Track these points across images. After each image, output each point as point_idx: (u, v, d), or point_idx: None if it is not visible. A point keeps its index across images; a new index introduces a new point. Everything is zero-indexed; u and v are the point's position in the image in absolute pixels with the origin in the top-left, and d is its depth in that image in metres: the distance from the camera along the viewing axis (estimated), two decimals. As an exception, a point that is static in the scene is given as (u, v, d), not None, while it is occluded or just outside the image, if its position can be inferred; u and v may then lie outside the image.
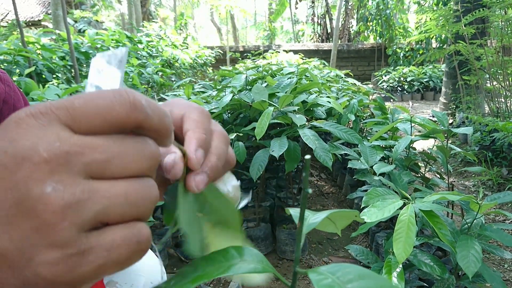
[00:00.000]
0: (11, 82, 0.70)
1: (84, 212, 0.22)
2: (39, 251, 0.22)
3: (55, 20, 6.56)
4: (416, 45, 11.28)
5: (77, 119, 0.24)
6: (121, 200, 0.24)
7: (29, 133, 0.22)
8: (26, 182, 0.22)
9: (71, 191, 0.22)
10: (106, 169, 0.24)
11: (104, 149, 0.24)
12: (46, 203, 0.21)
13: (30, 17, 12.78)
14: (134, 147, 0.25)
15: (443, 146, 1.85)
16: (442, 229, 1.32)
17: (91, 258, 0.23)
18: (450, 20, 5.13)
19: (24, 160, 0.22)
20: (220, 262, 0.38)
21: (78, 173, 0.23)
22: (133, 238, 0.25)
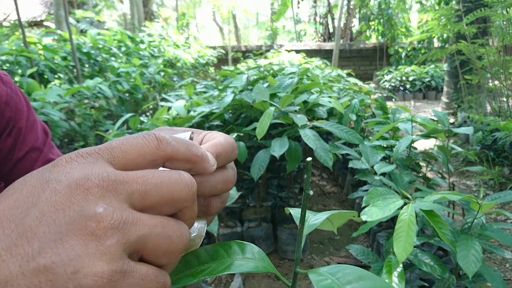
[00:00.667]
0: (13, 84, 0.70)
1: (129, 233, 0.25)
2: (87, 263, 0.23)
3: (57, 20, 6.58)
4: (418, 44, 11.26)
5: (117, 156, 0.28)
6: (159, 231, 0.26)
7: (80, 167, 0.26)
8: (79, 204, 0.24)
9: (119, 213, 0.25)
10: (145, 199, 0.26)
11: (142, 180, 0.27)
12: (98, 221, 0.24)
13: (32, 17, 12.81)
14: (169, 179, 0.28)
15: (444, 146, 1.85)
16: (442, 229, 1.33)
17: (129, 281, 0.24)
18: (451, 19, 5.12)
19: (78, 186, 0.25)
20: (223, 257, 0.39)
21: (124, 200, 0.26)
22: (161, 279, 0.27)
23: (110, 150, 0.28)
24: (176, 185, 0.28)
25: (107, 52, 4.71)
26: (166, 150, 0.29)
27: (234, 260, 0.39)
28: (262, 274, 2.17)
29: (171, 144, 0.30)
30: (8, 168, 0.69)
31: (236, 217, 2.57)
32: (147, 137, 0.29)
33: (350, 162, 1.95)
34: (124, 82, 3.76)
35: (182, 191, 0.28)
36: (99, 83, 3.30)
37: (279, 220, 2.48)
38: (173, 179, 0.28)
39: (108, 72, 4.33)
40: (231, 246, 0.41)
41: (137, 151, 0.28)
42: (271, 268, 0.40)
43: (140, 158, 0.28)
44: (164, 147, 0.29)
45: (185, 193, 0.28)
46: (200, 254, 0.40)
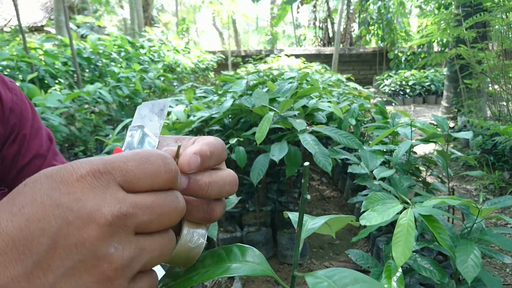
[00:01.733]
0: (18, 91, 0.71)
1: (135, 266, 0.27)
2: None
3: (58, 25, 6.61)
4: (417, 49, 11.29)
5: (129, 180, 0.28)
6: (158, 253, 0.29)
7: (92, 194, 0.26)
8: (92, 242, 0.25)
9: (128, 250, 0.26)
10: (148, 227, 0.28)
11: (150, 210, 0.28)
12: (110, 262, 0.25)
13: (33, 22, 12.85)
14: (170, 206, 0.30)
15: (443, 150, 1.85)
16: (441, 234, 1.33)
17: None
18: (451, 24, 5.14)
19: (91, 221, 0.25)
20: (223, 260, 0.40)
21: (131, 232, 0.27)
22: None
23: (124, 173, 0.28)
24: (174, 213, 0.30)
25: (107, 57, 4.73)
26: (171, 182, 0.30)
27: (232, 263, 0.40)
28: (262, 278, 2.16)
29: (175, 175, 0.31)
30: (12, 175, 0.69)
31: (236, 221, 2.57)
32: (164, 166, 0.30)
33: (350, 167, 1.95)
34: (124, 87, 3.77)
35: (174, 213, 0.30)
36: (99, 88, 3.30)
37: (278, 224, 2.48)
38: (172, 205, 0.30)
39: (108, 77, 4.34)
40: (232, 249, 0.42)
41: (151, 179, 0.29)
42: (269, 271, 0.40)
43: (148, 186, 0.29)
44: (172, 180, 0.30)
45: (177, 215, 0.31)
46: (206, 256, 0.41)
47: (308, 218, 0.50)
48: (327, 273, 0.37)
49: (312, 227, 0.48)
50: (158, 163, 0.29)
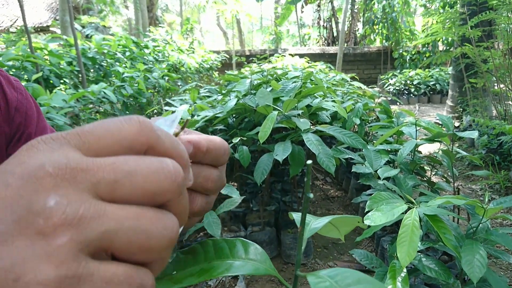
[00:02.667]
0: (23, 90, 0.71)
1: (87, 230, 0.21)
2: (30, 268, 0.20)
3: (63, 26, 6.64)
4: (422, 48, 11.25)
5: (87, 141, 0.24)
6: (130, 224, 0.22)
7: (38, 155, 0.22)
8: (28, 198, 0.21)
9: (75, 206, 0.21)
10: (116, 189, 0.23)
11: (112, 167, 0.23)
12: (47, 217, 0.20)
13: (38, 23, 12.93)
14: (147, 166, 0.24)
15: (448, 150, 1.84)
16: (446, 234, 1.32)
17: (87, 286, 0.20)
18: (456, 22, 5.11)
19: (30, 176, 0.21)
20: (226, 256, 0.40)
21: (85, 190, 0.22)
22: (136, 279, 0.22)
23: (80, 135, 0.24)
24: (155, 174, 0.23)
25: (111, 57, 4.75)
26: (148, 136, 0.25)
27: (236, 260, 0.40)
28: (266, 278, 2.16)
29: (155, 132, 0.25)
30: None
31: (240, 221, 2.57)
32: (128, 120, 0.25)
33: (354, 166, 1.94)
34: (129, 87, 3.78)
35: (163, 181, 0.24)
36: (104, 88, 3.31)
37: (282, 224, 2.47)
38: (152, 167, 0.24)
39: (112, 77, 4.36)
40: (235, 245, 0.41)
41: (113, 135, 0.24)
42: (272, 270, 0.40)
43: (116, 144, 0.24)
44: (147, 133, 0.25)
45: (167, 184, 0.24)
46: (208, 248, 0.40)
47: (311, 218, 0.50)
48: (329, 273, 0.37)
49: (315, 226, 0.48)
50: (119, 119, 0.25)
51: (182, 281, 0.37)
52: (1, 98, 0.66)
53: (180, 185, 0.25)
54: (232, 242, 0.42)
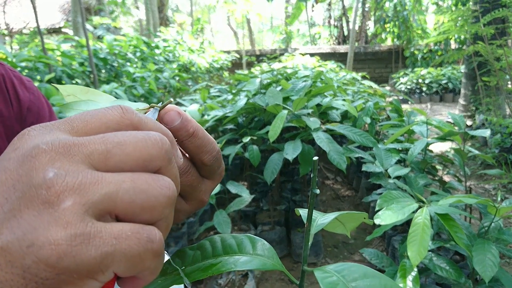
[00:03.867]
0: (35, 90, 0.72)
1: (88, 194, 0.22)
2: (41, 233, 0.21)
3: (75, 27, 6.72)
4: (434, 46, 11.12)
5: (75, 125, 0.26)
6: (128, 185, 0.23)
7: (30, 139, 0.24)
8: (27, 174, 0.22)
9: (73, 175, 0.22)
10: (108, 159, 0.24)
11: (103, 140, 0.24)
12: (49, 186, 0.22)
13: (51, 24, 13.09)
14: (134, 136, 0.25)
15: (460, 148, 1.82)
16: (458, 233, 1.31)
17: (97, 242, 0.22)
18: (468, 20, 5.05)
19: (25, 157, 0.23)
20: (234, 252, 0.40)
21: (80, 162, 0.23)
22: (143, 234, 0.23)
23: (69, 121, 0.26)
24: (142, 142, 0.25)
25: (123, 57, 4.79)
26: (132, 118, 0.27)
27: (243, 255, 0.40)
28: (276, 277, 2.16)
29: (137, 115, 0.28)
30: None
31: (250, 220, 2.58)
32: (111, 107, 0.27)
33: (364, 165, 1.94)
34: (139, 87, 3.81)
35: (150, 148, 0.25)
36: (115, 88, 3.35)
37: (293, 223, 2.47)
38: (139, 136, 0.25)
39: (123, 77, 4.40)
40: (243, 241, 0.42)
41: (99, 119, 0.26)
42: (279, 266, 0.40)
43: (103, 126, 0.26)
44: (130, 116, 0.27)
45: (155, 150, 0.26)
46: (216, 244, 0.41)
47: (318, 214, 0.50)
48: (336, 268, 0.37)
49: (322, 222, 0.48)
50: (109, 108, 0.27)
51: (190, 276, 0.37)
52: (14, 99, 0.68)
53: (167, 151, 0.26)
54: (240, 238, 0.43)
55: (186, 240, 2.32)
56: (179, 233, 2.29)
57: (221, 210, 1.80)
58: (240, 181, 3.08)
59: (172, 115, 0.33)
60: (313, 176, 0.42)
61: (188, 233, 2.36)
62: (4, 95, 0.65)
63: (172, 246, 2.15)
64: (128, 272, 0.23)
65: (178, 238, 2.24)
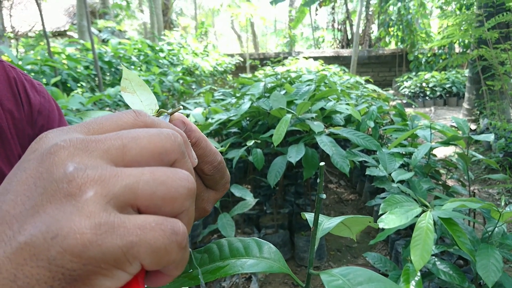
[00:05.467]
0: (46, 93, 0.74)
1: (109, 186, 0.22)
2: (65, 224, 0.21)
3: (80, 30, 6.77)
4: (438, 50, 11.11)
5: (91, 127, 0.27)
6: (147, 177, 0.24)
7: (48, 140, 0.25)
8: (48, 171, 0.23)
9: (93, 168, 0.23)
10: (125, 153, 0.25)
11: (118, 135, 0.25)
12: (70, 180, 0.22)
13: (56, 27, 13.18)
14: (147, 131, 0.26)
15: (464, 153, 1.82)
16: (461, 237, 1.31)
17: (122, 232, 0.22)
18: (473, 24, 5.04)
19: (44, 155, 0.23)
20: (241, 255, 0.41)
21: (98, 157, 0.24)
22: (167, 225, 0.23)
23: (85, 124, 0.27)
24: (156, 136, 0.26)
25: (127, 60, 4.82)
26: (145, 120, 0.28)
27: (250, 259, 0.41)
28: (279, 280, 2.17)
29: (150, 117, 0.29)
30: None
31: (253, 223, 2.58)
32: (125, 111, 0.28)
33: (368, 169, 1.94)
34: (144, 90, 3.82)
35: (164, 141, 0.26)
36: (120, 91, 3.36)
37: (296, 227, 2.48)
38: (152, 132, 0.26)
39: (128, 80, 4.41)
40: (250, 244, 0.43)
41: (114, 121, 0.27)
42: (285, 269, 0.41)
43: (117, 128, 0.27)
44: (143, 118, 0.28)
45: (169, 144, 0.26)
46: (223, 247, 0.42)
47: (324, 218, 0.51)
48: (341, 272, 0.38)
49: (328, 226, 0.49)
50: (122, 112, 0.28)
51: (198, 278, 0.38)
52: (25, 102, 0.69)
53: (180, 145, 0.27)
54: (246, 242, 0.44)
55: (190, 243, 2.33)
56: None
57: (225, 213, 1.81)
58: (243, 184, 3.08)
59: (177, 124, 0.34)
60: (319, 181, 0.43)
61: (192, 236, 2.37)
62: (15, 98, 0.67)
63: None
64: (155, 265, 0.23)
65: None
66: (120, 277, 0.22)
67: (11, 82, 0.67)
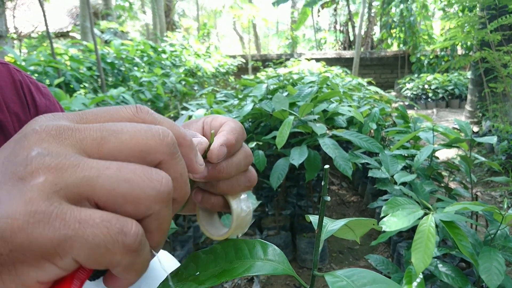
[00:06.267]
0: (51, 96, 0.74)
1: (64, 175, 0.21)
2: (2, 207, 0.20)
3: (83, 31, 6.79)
4: (440, 52, 11.10)
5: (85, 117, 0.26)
6: (111, 172, 0.22)
7: (34, 124, 0.24)
8: (15, 152, 0.22)
9: (55, 156, 0.22)
10: (102, 145, 0.23)
11: (99, 127, 0.24)
12: (27, 164, 0.21)
13: (59, 28, 13.22)
14: (133, 126, 0.25)
15: (466, 155, 1.82)
16: (462, 241, 1.31)
17: (58, 224, 0.20)
18: (475, 26, 5.04)
19: (20, 137, 0.23)
20: (246, 257, 0.42)
21: (69, 145, 0.23)
22: (115, 224, 0.22)
23: (81, 113, 0.26)
24: (141, 132, 0.24)
25: (130, 62, 4.83)
26: (144, 118, 0.27)
27: (255, 261, 0.41)
28: (281, 282, 2.17)
29: (152, 114, 0.27)
30: None
31: (255, 225, 2.58)
32: (126, 106, 0.27)
33: (370, 171, 1.94)
34: (147, 91, 3.84)
35: (150, 139, 0.24)
36: (123, 92, 3.38)
37: (298, 228, 2.48)
38: (139, 127, 0.24)
39: (131, 82, 4.43)
40: (255, 246, 0.43)
41: (110, 114, 0.26)
42: (290, 271, 0.42)
43: (112, 121, 0.26)
44: (143, 116, 0.27)
45: (155, 142, 0.24)
46: (228, 249, 0.42)
47: (328, 221, 0.51)
48: (346, 273, 0.39)
49: (332, 229, 0.49)
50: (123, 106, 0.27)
51: (205, 283, 0.38)
52: (31, 104, 0.69)
53: (169, 145, 0.25)
54: (252, 243, 0.44)
55: (192, 244, 2.33)
56: (185, 236, 2.30)
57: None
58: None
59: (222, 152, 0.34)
60: (324, 184, 0.44)
61: (194, 237, 2.37)
62: (21, 101, 0.67)
63: (178, 250, 2.16)
64: (91, 263, 0.21)
65: (184, 242, 2.25)
66: (48, 270, 0.21)
67: (17, 85, 0.67)
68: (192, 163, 0.30)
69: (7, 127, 0.63)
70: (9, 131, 0.64)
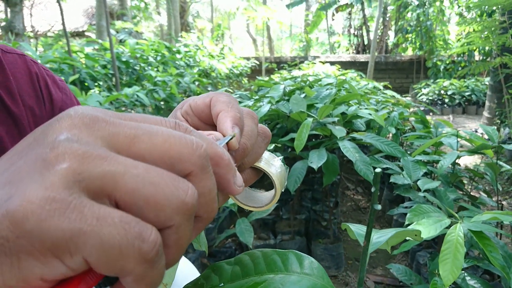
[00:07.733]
0: (68, 90, 0.72)
1: (90, 165, 0.20)
2: (22, 188, 0.19)
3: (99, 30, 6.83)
4: (457, 57, 10.94)
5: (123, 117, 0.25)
6: (138, 172, 0.21)
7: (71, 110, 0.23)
8: (44, 133, 0.21)
9: (84, 144, 0.21)
10: (133, 144, 0.22)
11: (135, 125, 0.23)
12: (54, 147, 0.20)
13: (75, 28, 13.37)
14: (169, 132, 0.24)
15: (493, 163, 1.75)
16: (493, 252, 1.24)
17: (74, 216, 0.19)
18: (495, 31, 4.93)
19: (54, 120, 0.22)
20: (279, 269, 0.38)
21: (100, 137, 0.22)
22: (135, 227, 0.20)
23: (121, 114, 0.25)
24: (175, 138, 0.23)
25: (144, 61, 4.83)
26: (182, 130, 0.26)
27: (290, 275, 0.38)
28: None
29: (191, 131, 0.26)
30: None
31: (269, 228, 2.53)
32: (165, 118, 0.26)
33: (392, 177, 1.87)
34: (161, 91, 3.82)
35: (182, 147, 0.23)
36: (137, 91, 3.36)
37: (313, 234, 2.42)
38: (174, 134, 0.24)
39: (145, 81, 4.43)
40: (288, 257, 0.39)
41: (149, 121, 0.25)
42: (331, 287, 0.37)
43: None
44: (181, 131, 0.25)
45: (187, 151, 0.23)
46: (258, 260, 0.38)
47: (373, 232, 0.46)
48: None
49: (377, 241, 0.44)
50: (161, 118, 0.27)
51: None
52: (47, 98, 0.67)
53: (201, 157, 0.24)
54: (285, 254, 0.40)
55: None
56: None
57: (243, 218, 1.76)
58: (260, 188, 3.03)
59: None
60: (374, 190, 0.39)
61: (207, 239, 2.33)
62: (37, 94, 0.64)
63: (190, 252, 2.12)
64: (102, 265, 0.19)
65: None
66: (55, 267, 0.19)
67: (33, 77, 0.65)
68: (230, 185, 0.29)
69: (22, 122, 0.61)
70: (23, 126, 0.61)
